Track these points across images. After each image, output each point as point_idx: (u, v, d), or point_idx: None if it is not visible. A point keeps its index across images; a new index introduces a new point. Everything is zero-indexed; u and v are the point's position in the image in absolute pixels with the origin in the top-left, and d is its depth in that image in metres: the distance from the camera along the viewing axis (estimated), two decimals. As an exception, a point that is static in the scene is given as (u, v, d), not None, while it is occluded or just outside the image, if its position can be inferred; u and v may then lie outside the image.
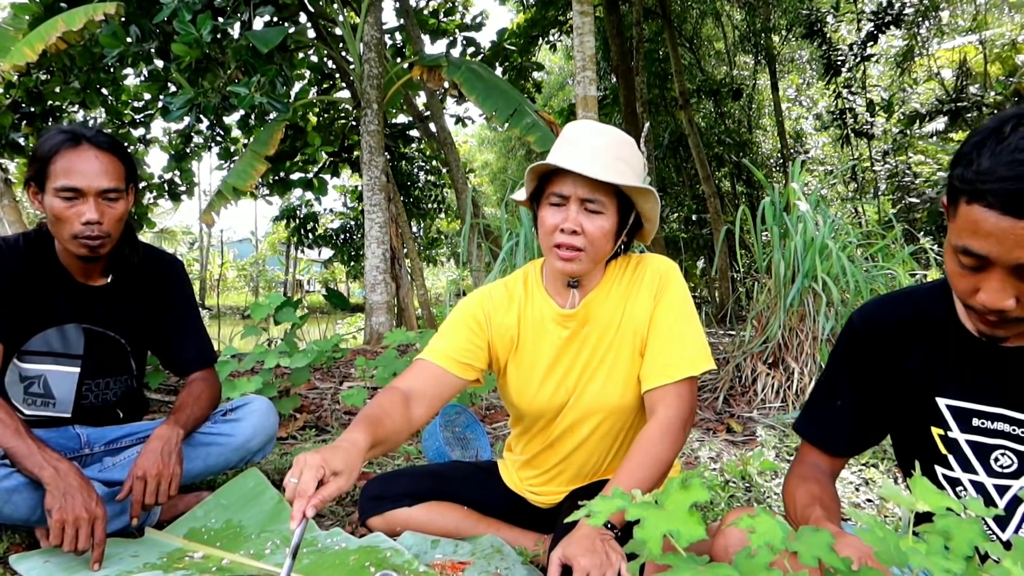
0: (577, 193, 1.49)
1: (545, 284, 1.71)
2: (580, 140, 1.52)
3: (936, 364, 1.22)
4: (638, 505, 0.89)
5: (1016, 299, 0.97)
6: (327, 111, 10.86)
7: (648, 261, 1.67)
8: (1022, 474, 1.14)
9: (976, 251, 0.96)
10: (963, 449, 1.20)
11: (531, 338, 1.70)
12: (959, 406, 1.20)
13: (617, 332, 1.63)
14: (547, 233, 1.53)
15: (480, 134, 28.82)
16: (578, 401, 1.67)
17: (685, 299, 1.62)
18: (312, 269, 31.80)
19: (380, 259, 6.97)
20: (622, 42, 11.76)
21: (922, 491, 0.83)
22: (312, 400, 3.96)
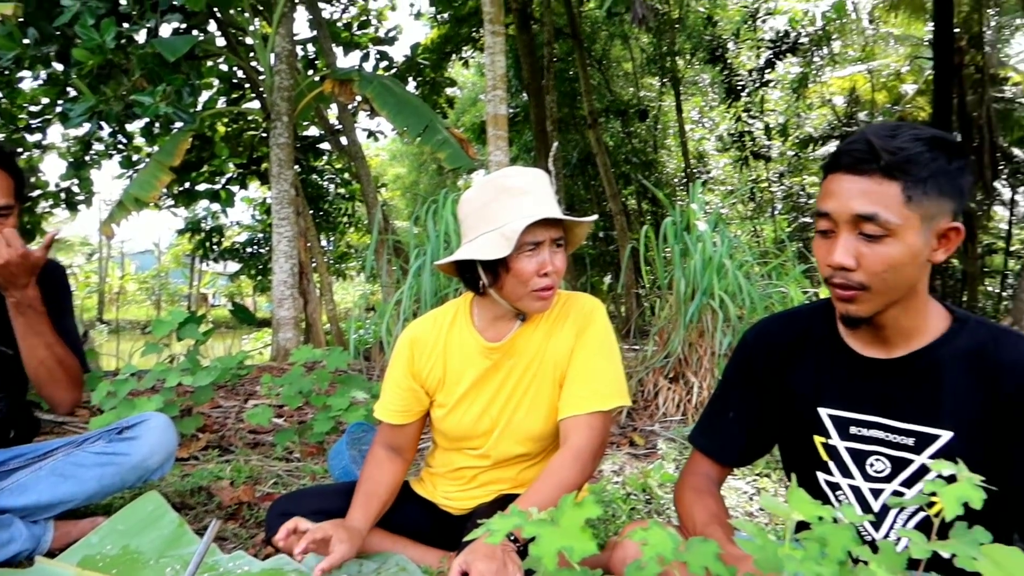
0: (550, 236, 1.60)
1: (475, 320, 1.77)
2: (534, 189, 1.61)
3: (819, 377, 1.33)
4: (534, 522, 0.94)
5: (857, 260, 1.12)
6: (236, 121, 10.61)
7: (576, 299, 1.76)
8: (894, 478, 1.24)
9: (824, 210, 1.16)
10: (842, 455, 1.30)
11: (456, 369, 1.77)
12: (838, 415, 1.30)
13: (540, 364, 1.71)
14: (525, 280, 1.59)
15: (392, 148, 28.64)
16: (504, 428, 1.75)
17: (607, 337, 1.71)
18: (217, 283, 30.77)
19: (288, 274, 6.86)
20: (533, 61, 11.97)
21: (797, 501, 0.90)
22: (216, 419, 3.87)
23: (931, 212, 1.11)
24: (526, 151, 15.42)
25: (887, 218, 1.09)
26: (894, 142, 1.10)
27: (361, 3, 12.41)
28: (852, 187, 1.12)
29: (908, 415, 1.22)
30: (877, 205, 1.10)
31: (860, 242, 1.12)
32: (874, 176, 1.10)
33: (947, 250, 1.16)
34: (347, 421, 2.94)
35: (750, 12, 14.87)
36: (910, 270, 1.14)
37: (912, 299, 1.20)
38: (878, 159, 1.10)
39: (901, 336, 1.23)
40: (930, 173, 1.09)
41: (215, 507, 2.44)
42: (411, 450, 1.87)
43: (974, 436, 1.18)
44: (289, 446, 3.24)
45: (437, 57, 12.66)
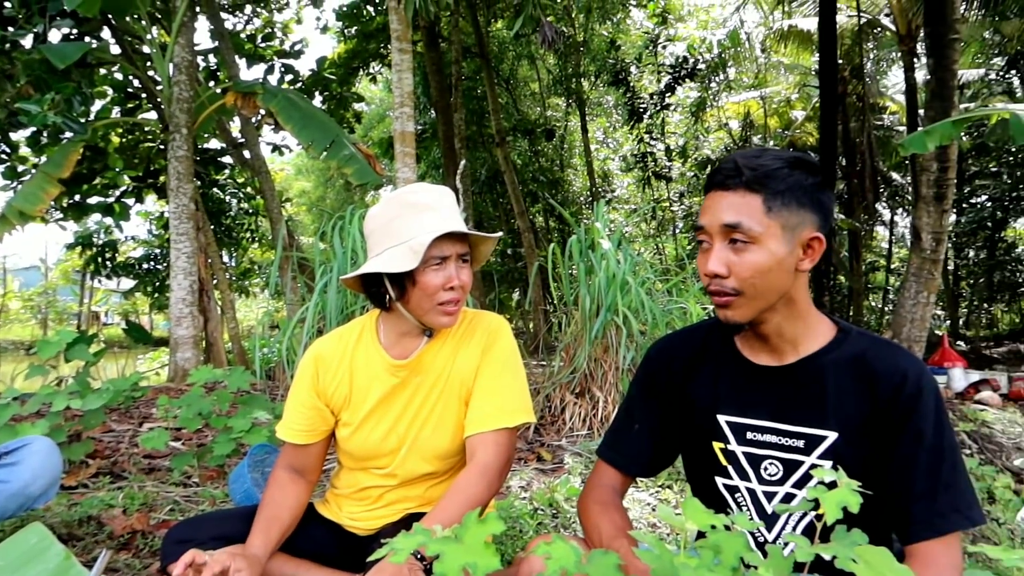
0: (456, 251, 1.62)
1: (381, 337, 1.77)
2: (439, 205, 1.63)
3: (717, 386, 1.42)
4: (437, 540, 0.95)
5: (728, 268, 1.24)
6: (131, 132, 10.20)
7: (482, 317, 1.79)
8: (787, 480, 1.33)
9: (700, 224, 1.30)
10: (740, 460, 1.38)
11: (362, 388, 1.75)
12: (735, 421, 1.38)
13: (446, 383, 1.72)
14: (431, 294, 1.60)
15: (297, 162, 28.06)
16: (411, 447, 1.75)
17: (512, 355, 1.74)
18: (111, 300, 29.24)
19: (187, 291, 6.61)
20: (441, 79, 12.01)
21: (691, 511, 0.94)
22: (107, 444, 3.69)
23: (791, 222, 1.23)
24: (434, 168, 15.42)
25: (750, 226, 1.22)
26: (757, 161, 1.24)
27: (266, 15, 12.19)
28: (721, 201, 1.26)
29: (797, 418, 1.32)
30: (741, 215, 1.23)
31: (730, 251, 1.24)
32: (739, 190, 1.24)
33: (812, 259, 1.27)
34: (249, 443, 2.85)
35: (651, 38, 15.39)
36: (777, 275, 1.24)
37: (792, 308, 1.30)
38: (741, 175, 1.24)
39: (789, 344, 1.33)
40: (787, 187, 1.23)
41: (106, 537, 2.33)
42: (315, 472, 1.82)
43: (856, 437, 1.27)
44: (187, 470, 3.12)
45: (344, 72, 12.53)
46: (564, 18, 14.69)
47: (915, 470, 1.21)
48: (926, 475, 1.21)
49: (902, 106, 15.43)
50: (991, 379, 6.54)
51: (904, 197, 17.28)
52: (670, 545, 1.43)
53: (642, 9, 15.79)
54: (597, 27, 15.87)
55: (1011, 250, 18.84)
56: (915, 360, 1.28)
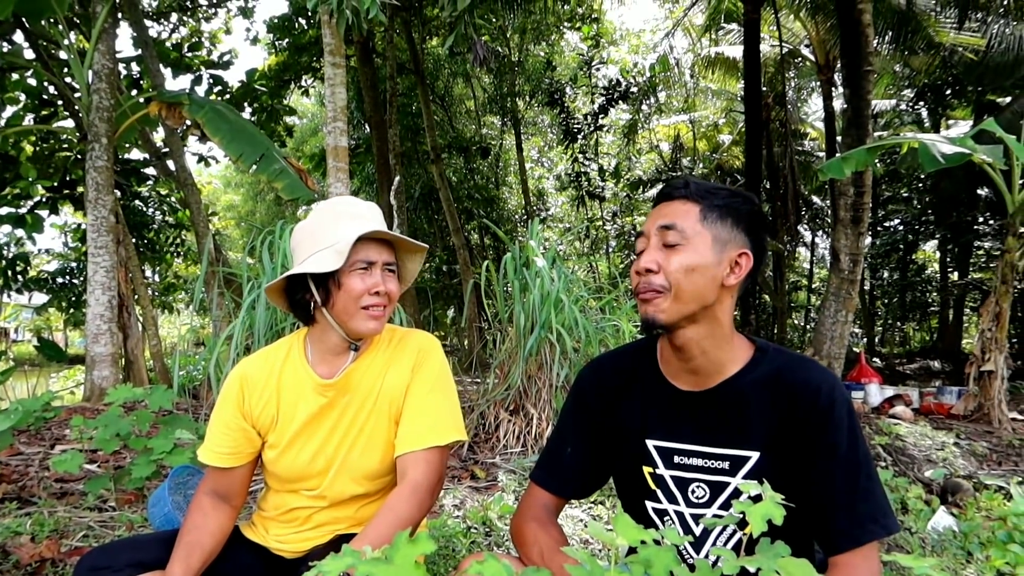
0: (382, 258, 1.64)
1: (308, 355, 1.73)
2: (368, 215, 1.65)
3: (645, 411, 1.43)
4: (368, 561, 0.92)
5: (658, 265, 1.30)
6: (46, 140, 9.77)
7: (411, 335, 1.77)
8: (713, 502, 1.35)
9: (641, 229, 1.39)
10: (668, 483, 1.40)
11: (290, 408, 1.71)
12: (663, 446, 1.40)
13: (376, 402, 1.69)
14: (355, 298, 1.60)
15: (225, 175, 27.40)
16: (340, 467, 1.70)
17: (442, 373, 1.72)
18: (21, 316, 27.89)
19: (105, 307, 6.33)
20: (376, 94, 11.92)
21: (622, 527, 0.94)
22: (15, 468, 3.47)
23: (722, 236, 1.31)
24: (368, 183, 15.27)
25: (683, 227, 1.30)
26: (701, 182, 1.37)
27: (193, 24, 11.90)
28: (664, 209, 1.36)
29: (721, 440, 1.35)
30: (677, 217, 1.32)
31: (663, 252, 1.31)
32: (681, 199, 1.34)
33: (737, 275, 1.32)
34: (171, 464, 2.72)
35: (585, 60, 15.64)
36: (703, 280, 1.29)
37: (715, 326, 1.33)
38: (687, 187, 1.35)
39: (712, 367, 1.36)
40: (724, 204, 1.32)
41: (11, 566, 2.18)
42: (240, 496, 1.75)
43: (777, 454, 1.31)
44: (103, 494, 2.96)
45: (275, 84, 12.32)
46: (499, 38, 14.81)
47: (833, 482, 1.25)
48: (843, 486, 1.25)
49: (822, 133, 16.10)
50: (904, 394, 6.84)
51: (824, 220, 17.98)
52: (602, 561, 1.43)
53: (576, 32, 16.04)
54: (532, 48, 16.05)
55: (921, 271, 19.85)
56: (828, 374, 1.33)
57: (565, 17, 15.21)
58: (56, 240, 45.25)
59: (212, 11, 12.11)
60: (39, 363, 12.67)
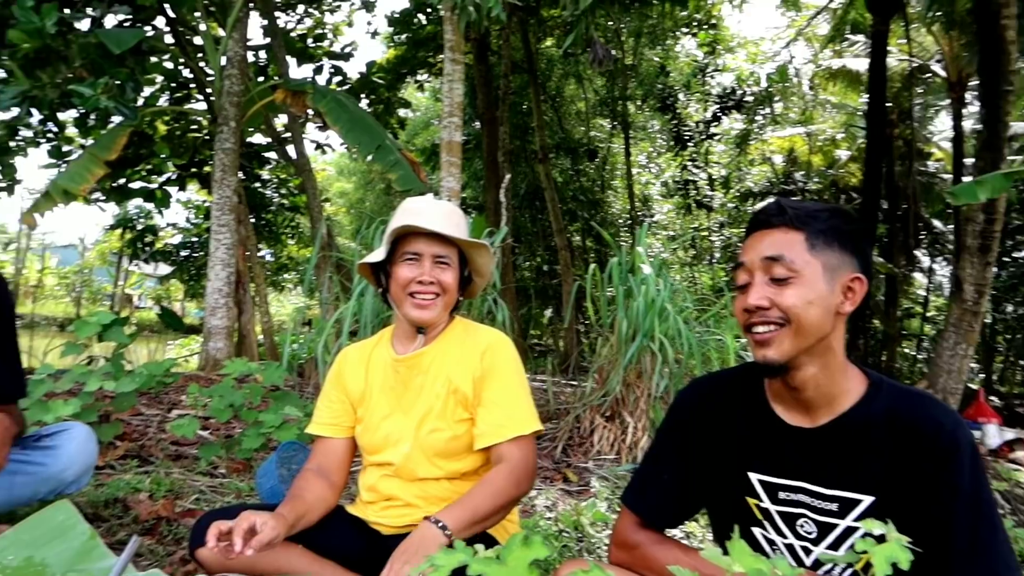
0: (430, 251, 1.76)
1: (394, 340, 1.91)
2: (428, 211, 1.79)
3: (748, 443, 1.36)
4: (480, 560, 0.91)
5: (770, 302, 1.22)
6: (178, 121, 10.33)
7: (483, 331, 1.88)
8: (821, 540, 1.28)
9: (740, 260, 1.30)
10: (775, 517, 1.33)
11: (376, 386, 1.88)
12: (767, 480, 1.33)
13: (443, 384, 1.80)
14: (402, 286, 1.76)
15: (339, 163, 28.30)
16: (413, 443, 1.80)
17: (518, 367, 1.83)
18: (145, 284, 29.69)
19: (224, 282, 6.65)
20: (489, 91, 12.05)
21: (738, 553, 0.90)
22: (136, 428, 3.69)
23: (832, 263, 1.23)
24: (475, 179, 15.45)
25: (792, 258, 1.21)
26: (799, 203, 1.28)
27: (317, 16, 12.33)
28: (764, 239, 1.26)
29: (831, 481, 1.27)
30: (783, 249, 1.23)
31: (771, 287, 1.23)
32: (781, 228, 1.25)
33: (852, 302, 1.25)
34: (278, 439, 2.83)
35: (700, 66, 15.32)
36: (819, 313, 1.21)
37: (828, 357, 1.25)
38: (785, 213, 1.25)
39: (823, 400, 1.27)
40: (828, 227, 1.24)
41: (131, 521, 2.30)
42: (339, 472, 1.88)
43: (893, 499, 1.22)
44: (214, 461, 3.10)
45: (392, 77, 12.62)
46: (613, 40, 14.70)
47: (952, 530, 1.16)
48: (964, 535, 1.15)
49: (947, 153, 15.19)
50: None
51: (944, 245, 16.95)
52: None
53: (692, 37, 15.74)
54: (647, 51, 15.85)
55: (1049, 307, 18.39)
56: (950, 412, 1.24)
57: (682, 22, 14.95)
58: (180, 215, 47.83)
59: (336, 4, 12.51)
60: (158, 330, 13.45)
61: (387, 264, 1.82)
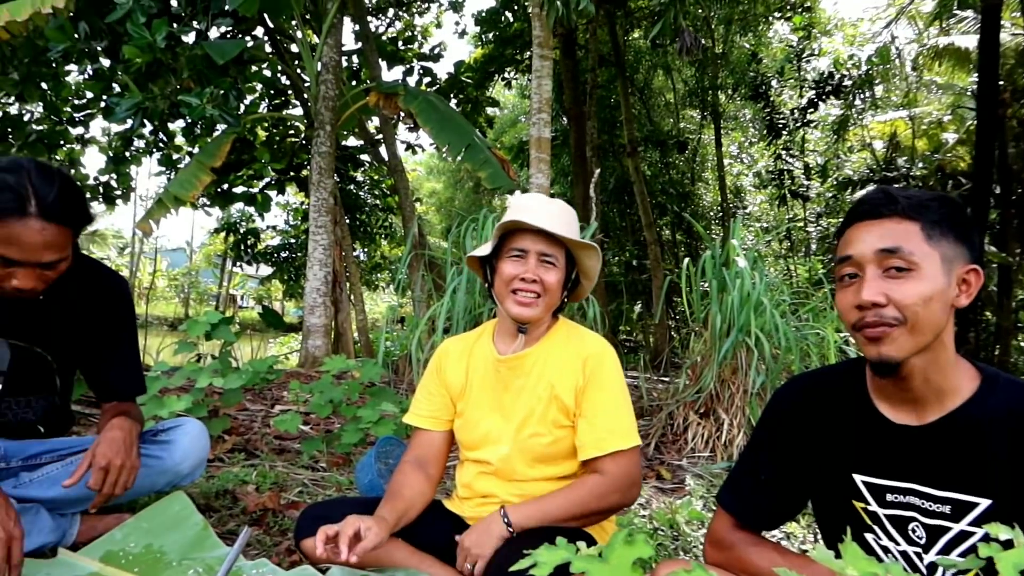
0: (537, 248, 1.75)
1: (495, 336, 1.91)
2: (538, 208, 1.78)
3: (852, 444, 1.29)
4: (583, 557, 0.91)
5: (886, 297, 1.14)
6: (277, 127, 10.75)
7: (587, 337, 1.86)
8: (932, 546, 1.20)
9: (847, 253, 1.20)
10: (884, 522, 1.26)
11: (476, 383, 1.89)
12: (873, 482, 1.26)
13: (546, 388, 1.80)
14: (506, 282, 1.76)
15: (429, 163, 28.80)
16: (513, 444, 1.81)
17: (618, 379, 1.80)
18: (247, 285, 31.09)
19: (321, 281, 6.88)
20: (576, 86, 12.00)
21: (852, 557, 0.86)
22: (242, 422, 3.86)
23: (949, 254, 1.15)
24: (563, 175, 15.42)
25: (911, 250, 1.14)
26: (907, 192, 1.19)
27: (407, 19, 12.56)
28: (873, 230, 1.18)
29: (944, 482, 1.19)
30: (899, 240, 1.15)
31: (886, 280, 1.15)
32: (893, 218, 1.17)
33: (968, 295, 1.18)
34: (376, 434, 2.90)
35: (795, 51, 14.79)
36: (938, 308, 1.14)
37: (940, 351, 1.17)
38: (896, 203, 1.17)
39: (932, 396, 1.20)
40: (942, 217, 1.16)
41: (239, 512, 2.41)
42: (437, 465, 1.91)
43: (1014, 502, 1.14)
44: (315, 455, 3.20)
45: (480, 76, 12.73)
46: (703, 29, 14.37)
47: None
48: None
49: (1067, 133, 14.14)
50: None
51: (1064, 232, 15.82)
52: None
53: (786, 22, 15.21)
54: (737, 38, 15.43)
55: None
56: None
57: (775, 6, 14.46)
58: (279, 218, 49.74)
59: (425, 6, 12.72)
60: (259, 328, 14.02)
61: (493, 259, 1.83)
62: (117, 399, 2.04)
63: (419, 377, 4.24)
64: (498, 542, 1.62)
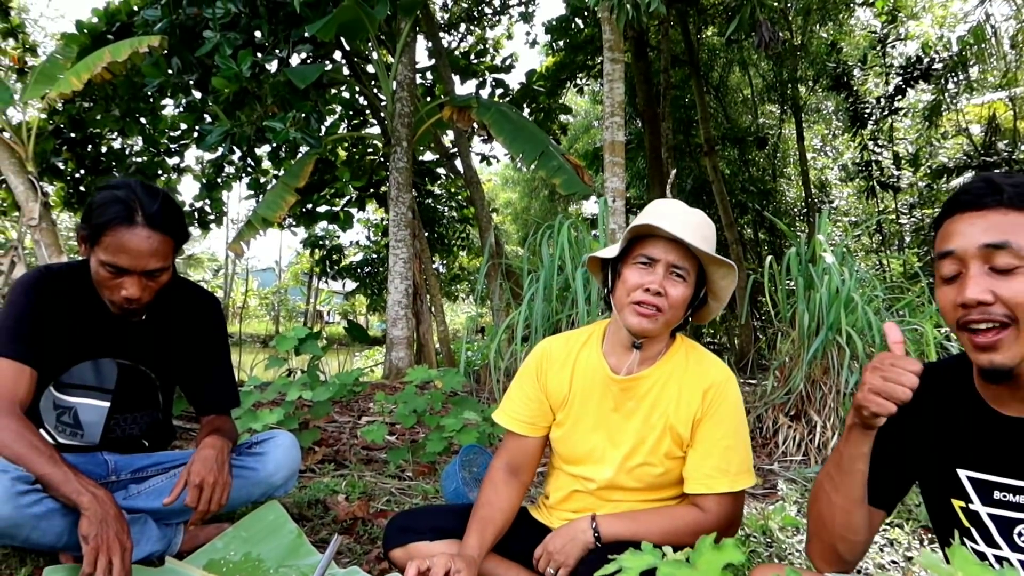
0: (667, 258, 1.60)
1: (604, 346, 1.78)
2: (674, 215, 1.63)
3: (957, 436, 1.23)
4: (670, 563, 0.90)
5: (993, 296, 1.06)
6: (356, 146, 11.04)
7: (710, 361, 1.73)
8: None
9: (948, 248, 1.12)
10: (985, 522, 1.19)
11: (581, 395, 1.77)
12: (980, 478, 1.20)
13: (661, 417, 1.70)
14: (629, 290, 1.62)
15: (504, 173, 29.01)
16: (620, 466, 1.73)
17: (739, 412, 1.69)
18: (332, 300, 31.97)
19: (403, 294, 7.02)
20: (649, 88, 11.88)
21: (961, 562, 0.83)
22: (331, 434, 3.97)
23: None
24: (639, 179, 15.28)
25: (1020, 244, 1.05)
26: (1012, 179, 1.08)
27: (479, 32, 12.71)
28: (977, 222, 1.09)
29: None
30: (1008, 234, 1.06)
31: (992, 278, 1.07)
32: (998, 209, 1.07)
33: None
34: (460, 442, 2.94)
35: (878, 38, 14.24)
36: None
37: None
38: (1001, 192, 1.07)
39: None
40: None
41: (331, 520, 2.48)
42: (529, 471, 1.85)
43: None
44: (402, 464, 3.27)
45: (552, 84, 12.75)
46: (780, 21, 14.00)
47: None
48: None
49: None
50: None
51: None
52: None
53: (868, 8, 14.67)
54: (816, 28, 14.96)
55: None
56: None
57: (856, -7, 13.98)
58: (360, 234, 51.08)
59: (496, 19, 12.85)
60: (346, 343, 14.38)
61: (618, 263, 1.69)
62: (214, 412, 2.15)
63: (500, 385, 4.30)
64: (583, 551, 1.60)
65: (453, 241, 13.47)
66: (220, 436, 1.95)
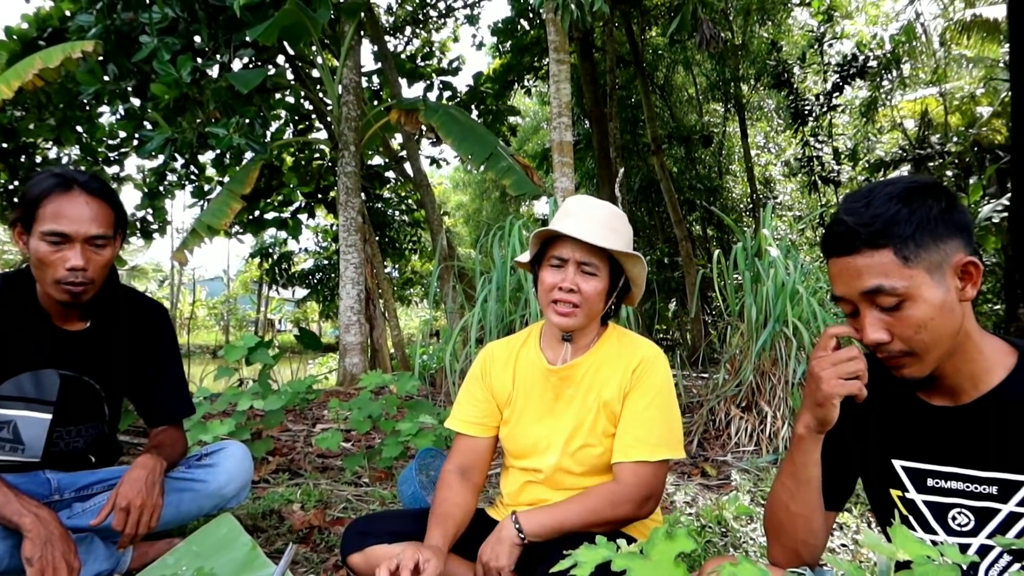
0: (575, 257, 1.68)
1: (542, 342, 1.87)
2: (578, 212, 1.70)
3: (891, 428, 1.28)
4: (624, 555, 0.91)
5: (888, 332, 1.12)
6: (303, 151, 10.90)
7: (638, 343, 1.81)
8: (980, 531, 1.18)
9: (837, 294, 1.18)
10: (921, 510, 1.24)
11: (523, 390, 1.84)
12: (913, 467, 1.25)
13: (596, 401, 1.76)
14: (546, 291, 1.71)
15: (455, 176, 29.00)
16: (563, 453, 1.77)
17: (664, 387, 1.74)
18: (284, 308, 31.52)
19: (355, 300, 6.95)
20: (595, 88, 11.99)
21: (902, 540, 0.85)
22: (285, 443, 3.91)
23: (935, 260, 1.10)
24: (588, 178, 15.40)
25: (892, 285, 1.09)
26: (868, 212, 1.11)
27: (424, 35, 12.68)
28: (849, 267, 1.14)
29: (988, 463, 1.17)
30: (877, 277, 1.10)
31: (883, 315, 1.12)
32: (862, 252, 1.12)
33: (974, 284, 1.13)
34: (416, 446, 2.92)
35: (816, 37, 14.61)
36: (944, 321, 1.11)
37: (965, 343, 1.16)
38: (858, 236, 1.11)
39: (968, 381, 1.19)
40: (915, 227, 1.09)
41: (286, 530, 2.44)
42: (481, 473, 1.88)
43: None
44: (358, 471, 3.24)
45: (499, 86, 12.78)
46: (721, 21, 14.26)
47: None
48: None
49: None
50: None
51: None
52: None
53: (805, 8, 15.04)
54: (757, 28, 15.29)
55: None
56: None
57: (793, -7, 14.33)
58: (310, 241, 50.45)
59: (441, 22, 12.83)
60: (298, 350, 14.21)
61: (536, 265, 1.78)
62: (166, 422, 2.10)
63: (455, 388, 4.29)
64: (511, 549, 1.61)
65: (405, 245, 13.40)
66: (154, 454, 1.88)
